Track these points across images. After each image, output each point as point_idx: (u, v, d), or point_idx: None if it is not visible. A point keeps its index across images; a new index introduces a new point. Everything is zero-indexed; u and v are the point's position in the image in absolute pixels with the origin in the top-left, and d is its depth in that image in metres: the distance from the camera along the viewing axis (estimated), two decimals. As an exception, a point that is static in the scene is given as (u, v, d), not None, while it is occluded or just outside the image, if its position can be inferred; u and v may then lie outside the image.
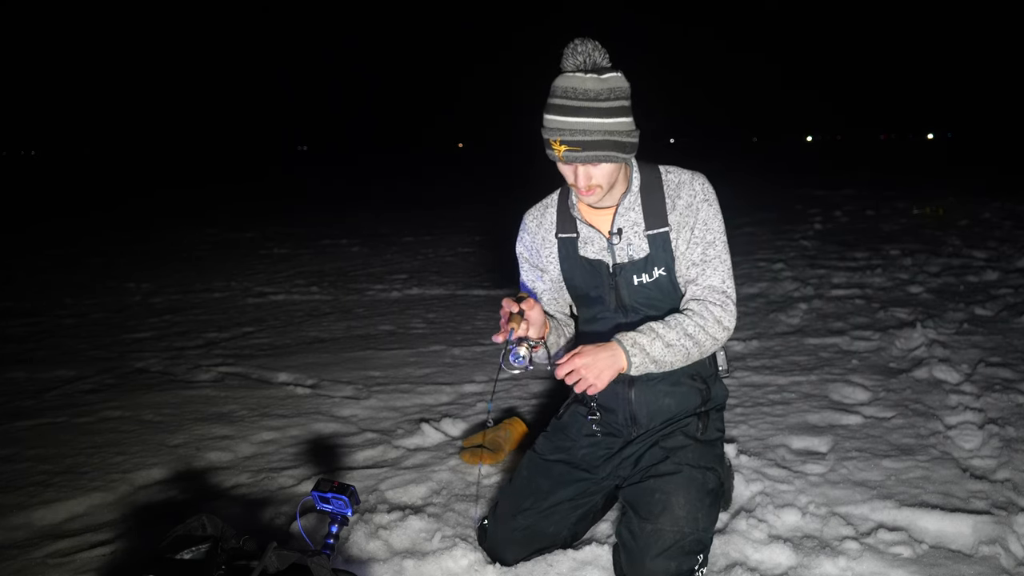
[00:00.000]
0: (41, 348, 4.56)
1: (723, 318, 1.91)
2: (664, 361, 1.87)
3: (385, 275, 6.79)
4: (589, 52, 1.77)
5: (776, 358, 3.85)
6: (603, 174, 1.84)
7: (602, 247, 1.99)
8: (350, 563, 2.05)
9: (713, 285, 1.94)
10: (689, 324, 1.88)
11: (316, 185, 21.83)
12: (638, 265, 1.96)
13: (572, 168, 1.84)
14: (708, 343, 1.91)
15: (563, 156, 1.80)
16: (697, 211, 1.94)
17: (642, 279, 1.97)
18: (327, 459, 2.82)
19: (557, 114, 1.77)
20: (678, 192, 1.96)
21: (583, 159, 1.79)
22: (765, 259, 6.76)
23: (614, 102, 1.77)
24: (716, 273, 1.94)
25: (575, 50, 1.77)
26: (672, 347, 1.86)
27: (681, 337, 1.87)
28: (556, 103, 1.78)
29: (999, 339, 4.01)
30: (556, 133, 1.78)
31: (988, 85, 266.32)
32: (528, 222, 2.13)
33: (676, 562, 1.80)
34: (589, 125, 1.76)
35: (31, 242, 9.72)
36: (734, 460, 2.59)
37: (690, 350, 1.89)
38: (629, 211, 1.97)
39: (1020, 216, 9.19)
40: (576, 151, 1.78)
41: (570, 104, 1.76)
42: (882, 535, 2.11)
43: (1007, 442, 2.68)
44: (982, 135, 61.64)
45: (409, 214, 12.26)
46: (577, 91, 1.75)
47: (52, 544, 2.22)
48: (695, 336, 1.88)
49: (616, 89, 1.77)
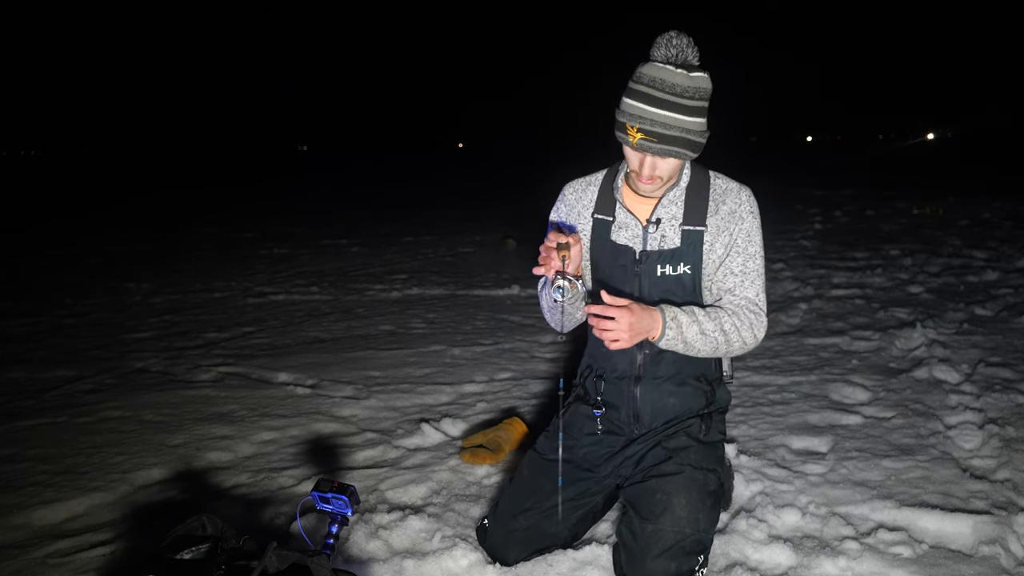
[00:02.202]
0: (41, 348, 4.56)
1: (757, 328, 1.95)
2: (693, 346, 1.89)
3: (385, 275, 6.79)
4: (683, 47, 1.77)
5: (776, 358, 3.85)
6: (668, 167, 1.86)
7: (635, 234, 2.01)
8: (350, 563, 2.05)
9: (750, 298, 1.97)
10: (727, 321, 1.91)
11: (316, 185, 21.81)
12: (665, 256, 1.97)
13: (640, 156, 1.85)
14: (737, 344, 1.93)
15: (637, 144, 1.81)
16: (741, 220, 1.97)
17: (666, 270, 1.98)
18: (327, 459, 2.82)
19: (640, 101, 1.78)
20: (724, 198, 1.99)
21: (656, 150, 1.81)
22: (765, 259, 6.75)
23: (697, 101, 1.78)
24: (753, 286, 1.98)
25: (669, 42, 1.78)
26: (706, 336, 1.89)
27: (717, 330, 1.90)
28: (641, 90, 1.78)
29: (999, 339, 4.01)
30: (636, 120, 1.78)
31: (988, 85, 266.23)
32: (568, 193, 2.13)
33: (676, 562, 1.80)
34: (670, 119, 1.77)
35: (31, 242, 9.72)
36: (734, 460, 2.59)
37: (719, 345, 1.91)
38: (672, 204, 1.98)
39: (1020, 216, 9.20)
40: (651, 141, 1.79)
41: (655, 95, 1.76)
42: (882, 535, 2.11)
43: (1007, 442, 2.68)
44: (982, 135, 61.62)
45: (409, 214, 12.26)
46: (665, 83, 1.75)
47: (52, 544, 2.22)
48: (729, 334, 1.91)
49: (701, 89, 1.78)
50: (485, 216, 11.46)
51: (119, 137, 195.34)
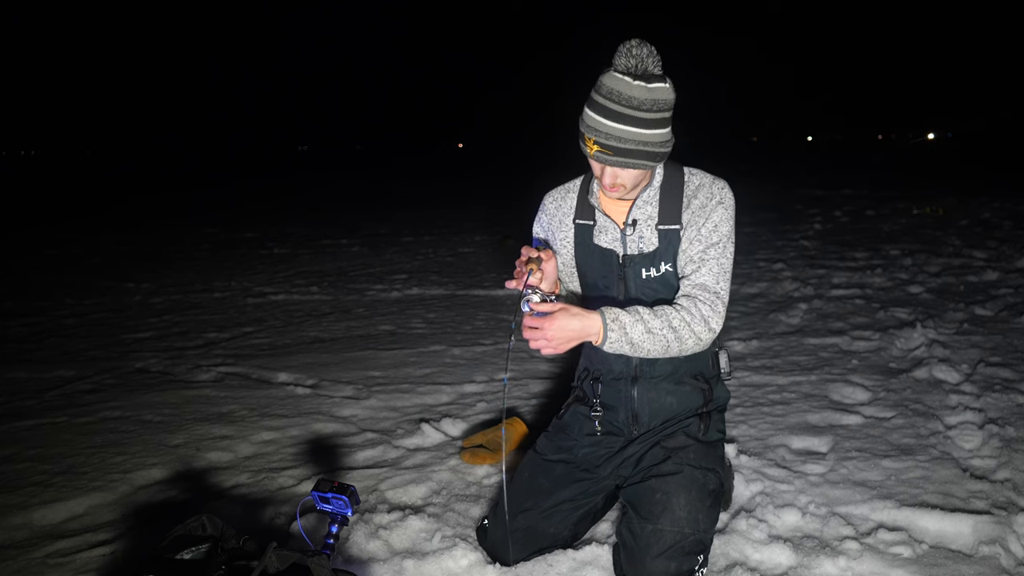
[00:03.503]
0: (41, 348, 4.56)
1: (710, 318, 1.91)
2: (641, 347, 1.86)
3: (385, 275, 6.79)
4: (643, 57, 1.74)
5: (776, 358, 3.85)
6: (629, 177, 1.85)
7: (615, 237, 2.01)
8: (350, 563, 2.05)
9: (705, 284, 1.93)
10: (675, 317, 1.88)
11: (317, 185, 21.82)
12: (647, 258, 1.98)
13: (600, 166, 1.85)
14: (690, 340, 1.90)
15: (594, 155, 1.82)
16: (710, 213, 1.95)
17: (650, 273, 1.98)
18: (327, 459, 2.82)
19: (597, 113, 1.78)
20: (696, 193, 1.98)
21: (612, 163, 1.80)
22: (765, 259, 6.76)
23: (655, 113, 1.76)
24: (711, 273, 1.94)
25: (629, 52, 1.74)
26: (653, 335, 1.86)
27: (664, 328, 1.86)
28: (598, 102, 1.77)
29: (999, 339, 4.01)
30: (592, 132, 1.79)
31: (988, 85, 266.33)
32: (548, 203, 2.14)
33: (676, 562, 1.80)
34: (625, 133, 1.76)
35: (31, 242, 9.72)
36: (734, 460, 2.59)
37: (671, 343, 1.88)
38: (646, 205, 1.98)
39: (1020, 216, 9.19)
40: (607, 154, 1.79)
41: (611, 107, 1.75)
42: (882, 535, 2.11)
43: (1007, 442, 2.68)
44: (982, 135, 61.65)
45: (409, 214, 12.27)
46: (622, 96, 1.73)
47: (52, 544, 2.22)
48: (679, 330, 1.87)
49: (660, 101, 1.75)
50: (485, 216, 11.46)
51: (120, 138, 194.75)
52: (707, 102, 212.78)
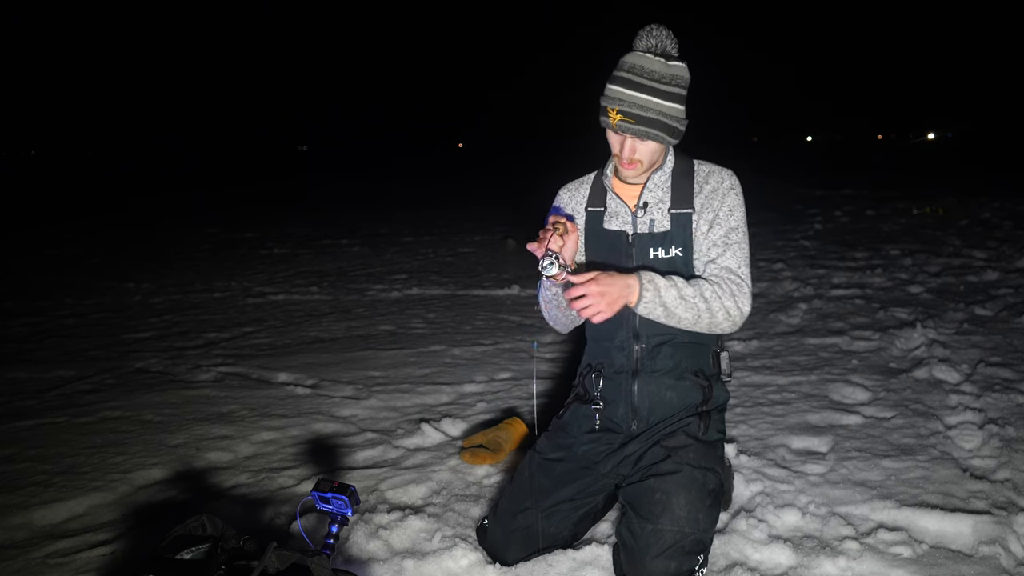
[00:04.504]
0: (41, 348, 4.56)
1: (740, 299, 1.95)
2: (673, 312, 1.90)
3: (385, 275, 6.79)
4: (662, 39, 1.89)
5: (776, 358, 3.86)
6: (647, 151, 1.95)
7: (625, 220, 2.07)
8: (350, 563, 2.05)
9: (730, 267, 1.98)
10: (708, 289, 1.93)
11: (317, 185, 21.82)
12: (657, 239, 2.02)
13: (621, 139, 1.94)
14: (720, 314, 1.93)
15: (616, 125, 1.90)
16: (724, 197, 2.02)
17: (658, 253, 2.02)
18: (327, 459, 2.82)
19: (620, 85, 1.89)
20: (707, 179, 2.05)
21: (634, 131, 1.89)
22: (765, 259, 6.76)
23: (674, 88, 1.89)
24: (734, 257, 1.99)
25: (650, 33, 1.90)
26: (686, 301, 1.89)
27: (697, 297, 1.90)
28: (621, 76, 1.89)
29: (999, 339, 4.01)
30: (615, 103, 1.89)
31: (988, 85, 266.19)
32: (562, 194, 2.22)
33: (676, 562, 1.80)
34: (647, 102, 1.87)
35: (31, 242, 9.72)
36: (734, 460, 2.59)
37: (701, 314, 1.91)
38: (658, 188, 2.05)
39: (1020, 216, 9.20)
40: (630, 123, 1.89)
41: (634, 79, 1.88)
42: (882, 535, 2.11)
43: (1007, 442, 2.68)
44: (983, 135, 61.67)
45: (409, 214, 12.27)
46: (644, 69, 1.87)
47: (52, 544, 2.22)
48: (711, 302, 1.91)
49: (678, 77, 1.90)
50: (485, 216, 11.47)
51: (120, 138, 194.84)
52: (711, 101, 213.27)
